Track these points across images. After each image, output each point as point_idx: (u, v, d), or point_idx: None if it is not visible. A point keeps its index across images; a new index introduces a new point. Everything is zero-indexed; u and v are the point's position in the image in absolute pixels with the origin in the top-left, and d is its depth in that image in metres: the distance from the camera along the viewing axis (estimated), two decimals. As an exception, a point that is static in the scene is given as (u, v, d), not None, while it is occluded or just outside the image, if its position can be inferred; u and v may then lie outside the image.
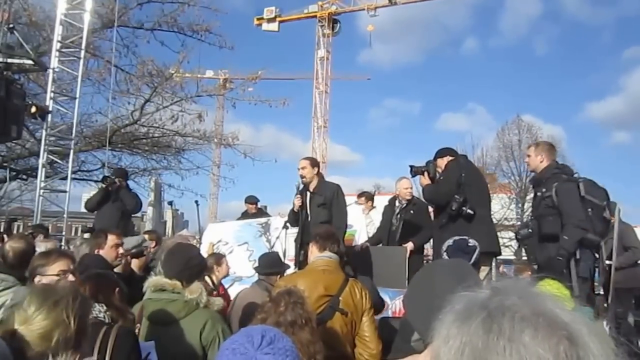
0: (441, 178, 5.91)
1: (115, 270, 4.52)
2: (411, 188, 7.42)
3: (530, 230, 5.48)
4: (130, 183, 9.58)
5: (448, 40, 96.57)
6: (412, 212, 7.22)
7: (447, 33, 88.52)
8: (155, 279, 3.40)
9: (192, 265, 3.43)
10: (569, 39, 78.25)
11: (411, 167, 6.20)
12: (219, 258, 5.80)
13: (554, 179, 5.40)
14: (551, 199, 5.28)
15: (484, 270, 5.20)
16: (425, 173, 6.03)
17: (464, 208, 5.56)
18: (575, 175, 5.55)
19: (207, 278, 5.38)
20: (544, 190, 5.40)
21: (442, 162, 5.97)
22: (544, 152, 5.57)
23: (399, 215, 7.18)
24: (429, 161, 6.10)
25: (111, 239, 4.66)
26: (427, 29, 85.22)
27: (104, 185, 8.38)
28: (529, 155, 5.66)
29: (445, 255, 4.15)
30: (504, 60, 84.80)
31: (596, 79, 79.46)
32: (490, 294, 0.90)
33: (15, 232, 10.29)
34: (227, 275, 5.97)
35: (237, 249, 8.16)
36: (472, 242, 4.17)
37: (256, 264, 5.41)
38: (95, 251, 4.55)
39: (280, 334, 1.74)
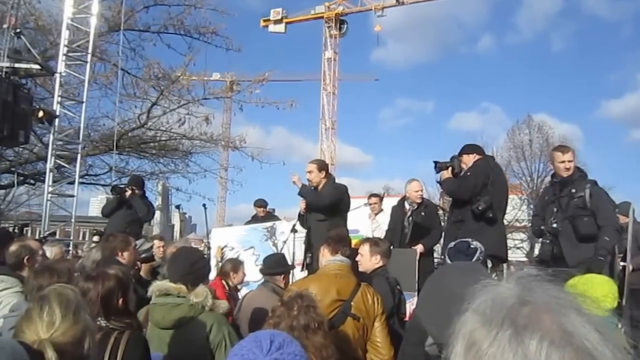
0: (468, 174, 5.83)
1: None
2: (422, 190, 7.32)
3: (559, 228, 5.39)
4: (145, 191, 9.49)
5: (462, 38, 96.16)
6: (423, 214, 7.17)
7: (461, 31, 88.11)
8: (160, 284, 3.40)
9: (196, 268, 3.43)
10: (587, 35, 77.42)
11: (435, 162, 6.15)
12: (236, 265, 5.81)
13: (583, 180, 5.44)
14: (582, 200, 5.27)
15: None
16: (450, 168, 5.98)
17: (488, 211, 5.51)
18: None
19: (223, 282, 5.43)
20: (573, 190, 5.36)
21: (468, 159, 5.92)
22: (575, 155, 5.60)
23: (410, 218, 7.12)
24: (453, 156, 6.05)
25: (131, 240, 4.71)
26: (439, 27, 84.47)
27: (114, 195, 8.34)
28: (570, 161, 5.49)
29: (447, 259, 4.12)
30: (520, 57, 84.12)
31: (615, 75, 78.62)
32: (518, 301, 0.86)
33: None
34: (242, 282, 6.01)
35: (243, 254, 8.16)
36: (474, 244, 4.10)
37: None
38: (119, 254, 4.55)
39: (290, 338, 1.74)
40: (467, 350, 0.87)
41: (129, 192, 8.15)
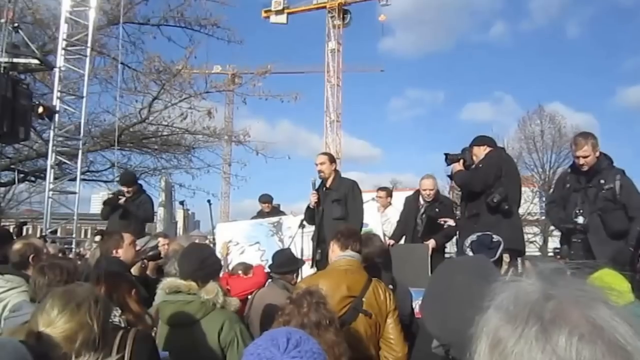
0: (480, 165, 5.72)
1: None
2: (431, 190, 6.96)
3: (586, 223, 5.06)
4: (141, 183, 9.29)
5: (473, 25, 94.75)
6: (437, 210, 6.97)
7: (472, 18, 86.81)
8: (169, 281, 3.37)
9: (207, 265, 3.39)
10: (602, 20, 76.23)
11: (446, 155, 6.07)
12: (247, 268, 5.72)
13: (612, 169, 5.05)
14: (612, 192, 4.92)
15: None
16: (461, 161, 5.90)
17: (503, 203, 5.40)
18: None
19: None
20: (602, 181, 4.98)
21: (479, 151, 5.81)
22: (596, 144, 5.05)
23: (423, 215, 6.98)
24: (464, 148, 5.96)
25: (127, 237, 4.61)
26: (449, 14, 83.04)
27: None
28: (585, 156, 4.97)
29: (469, 251, 4.08)
30: (533, 45, 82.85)
31: (631, 61, 77.29)
32: (542, 296, 0.84)
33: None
34: None
35: (248, 249, 8.09)
36: (496, 237, 4.11)
37: (269, 263, 5.29)
38: (114, 252, 4.46)
39: (307, 336, 1.69)
40: (492, 349, 0.85)
41: (122, 200, 7.88)
